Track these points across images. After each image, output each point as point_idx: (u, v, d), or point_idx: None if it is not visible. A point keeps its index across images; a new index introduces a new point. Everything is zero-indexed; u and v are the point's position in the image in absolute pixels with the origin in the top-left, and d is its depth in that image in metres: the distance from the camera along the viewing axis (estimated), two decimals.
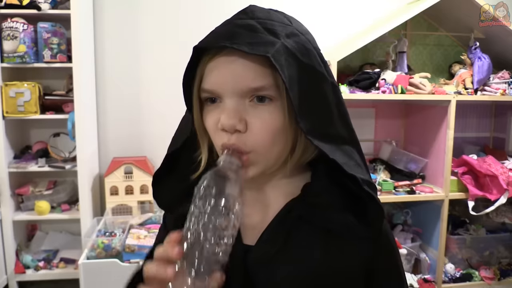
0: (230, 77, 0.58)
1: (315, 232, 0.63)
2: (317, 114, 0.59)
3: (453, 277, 2.62)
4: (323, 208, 0.63)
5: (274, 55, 0.54)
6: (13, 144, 2.62)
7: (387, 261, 0.69)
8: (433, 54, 2.98)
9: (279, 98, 0.58)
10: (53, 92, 2.58)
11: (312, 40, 0.63)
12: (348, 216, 0.62)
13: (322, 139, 0.58)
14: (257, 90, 0.58)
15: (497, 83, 2.63)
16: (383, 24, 2.51)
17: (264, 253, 0.63)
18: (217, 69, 0.59)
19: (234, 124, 0.57)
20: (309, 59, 0.59)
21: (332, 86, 0.62)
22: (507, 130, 2.98)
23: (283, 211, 0.65)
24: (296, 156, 0.64)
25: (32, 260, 2.57)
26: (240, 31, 0.57)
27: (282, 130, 0.59)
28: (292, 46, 0.57)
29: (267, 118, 0.59)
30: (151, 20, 2.78)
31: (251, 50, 0.54)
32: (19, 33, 2.35)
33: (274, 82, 0.57)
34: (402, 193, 2.50)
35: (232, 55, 0.57)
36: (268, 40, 0.56)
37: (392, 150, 2.76)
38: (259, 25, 0.58)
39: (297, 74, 0.56)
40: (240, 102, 0.59)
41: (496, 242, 2.74)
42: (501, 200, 2.43)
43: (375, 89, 2.44)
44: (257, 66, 0.57)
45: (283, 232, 0.63)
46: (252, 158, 0.60)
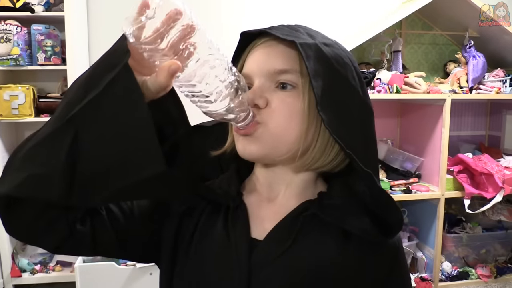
0: (262, 59, 0.62)
1: (328, 233, 0.62)
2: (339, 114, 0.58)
3: (450, 276, 2.63)
4: (339, 210, 0.63)
5: (302, 44, 0.57)
6: (8, 147, 2.61)
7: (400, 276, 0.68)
8: (428, 53, 2.98)
9: (301, 87, 0.60)
10: (47, 95, 2.57)
11: (353, 60, 0.64)
12: (365, 220, 0.61)
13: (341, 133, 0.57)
14: (282, 73, 0.60)
15: (492, 82, 2.64)
16: (378, 23, 2.52)
17: (272, 250, 0.61)
18: (254, 54, 0.64)
19: (254, 97, 0.59)
20: (343, 68, 0.60)
21: (364, 104, 0.62)
22: (502, 128, 2.99)
23: (296, 210, 0.64)
24: (312, 155, 0.62)
25: (28, 264, 2.56)
26: (282, 27, 0.62)
27: (299, 115, 0.60)
28: (328, 52, 0.60)
29: (287, 101, 0.60)
30: None
31: (282, 36, 0.58)
32: (13, 36, 2.34)
33: (299, 69, 0.60)
34: (398, 192, 2.51)
35: (269, 43, 0.62)
36: (302, 37, 0.59)
37: (388, 149, 2.76)
38: (302, 29, 0.62)
39: (324, 73, 0.57)
40: (266, 84, 0.61)
41: (492, 240, 2.75)
42: (496, 198, 2.44)
43: (371, 88, 2.44)
44: (287, 51, 0.61)
45: (293, 232, 0.62)
46: (260, 131, 0.60)
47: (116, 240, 0.65)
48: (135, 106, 0.51)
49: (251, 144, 0.61)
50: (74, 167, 0.51)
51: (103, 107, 0.51)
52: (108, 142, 0.51)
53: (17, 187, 0.51)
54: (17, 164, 0.53)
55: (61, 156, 0.50)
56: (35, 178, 0.51)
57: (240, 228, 0.64)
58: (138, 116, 0.51)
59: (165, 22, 0.48)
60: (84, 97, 0.51)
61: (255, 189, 0.70)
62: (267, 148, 0.61)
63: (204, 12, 2.69)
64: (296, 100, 0.60)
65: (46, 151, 0.52)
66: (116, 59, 0.52)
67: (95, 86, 0.51)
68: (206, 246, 0.65)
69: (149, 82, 0.53)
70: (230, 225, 0.64)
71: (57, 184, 0.50)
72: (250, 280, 0.60)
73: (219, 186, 0.68)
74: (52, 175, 0.50)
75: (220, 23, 2.66)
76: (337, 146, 0.62)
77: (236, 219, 0.65)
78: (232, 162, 0.70)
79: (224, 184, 0.68)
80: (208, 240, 0.65)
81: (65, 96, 0.55)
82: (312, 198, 0.66)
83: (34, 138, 0.54)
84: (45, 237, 0.59)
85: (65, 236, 0.59)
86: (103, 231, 0.64)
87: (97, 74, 0.53)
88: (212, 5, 2.73)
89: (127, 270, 2.10)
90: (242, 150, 0.62)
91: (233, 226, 0.64)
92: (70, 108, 0.51)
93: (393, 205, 0.59)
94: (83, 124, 0.51)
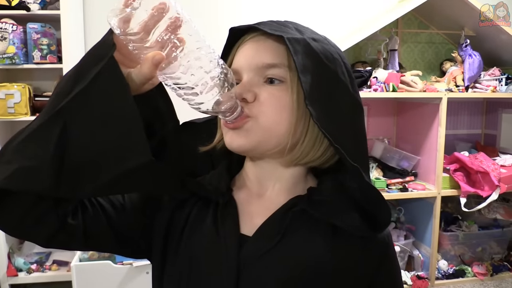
0: (250, 53, 0.63)
1: (317, 229, 0.63)
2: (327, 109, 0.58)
3: (446, 274, 2.64)
4: (329, 205, 0.63)
5: (290, 39, 0.57)
6: None
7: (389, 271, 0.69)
8: (424, 52, 2.99)
9: (290, 82, 0.60)
10: (43, 94, 2.56)
11: (342, 56, 0.65)
12: (354, 216, 0.61)
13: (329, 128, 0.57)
14: (270, 67, 0.61)
15: (488, 80, 2.65)
16: (374, 22, 2.52)
17: (261, 245, 0.62)
18: (242, 49, 0.64)
19: (242, 92, 0.60)
20: (332, 64, 0.61)
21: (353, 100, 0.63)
22: (498, 127, 3.00)
23: (286, 205, 0.64)
24: (301, 150, 0.63)
25: (24, 263, 2.55)
26: (271, 22, 0.62)
27: (288, 108, 0.60)
28: (316, 47, 0.60)
29: (276, 94, 0.61)
30: None
31: (270, 30, 0.59)
32: (8, 34, 2.33)
33: (287, 63, 0.60)
34: (394, 190, 2.51)
35: (257, 38, 0.63)
36: (291, 32, 0.60)
37: (385, 148, 2.77)
38: (291, 25, 0.63)
39: (314, 70, 0.58)
40: (255, 78, 0.62)
41: (488, 238, 2.76)
42: (492, 196, 2.45)
43: (367, 87, 2.44)
44: (276, 45, 0.61)
45: (282, 227, 0.62)
46: (249, 124, 0.61)
47: (107, 234, 0.66)
48: (120, 97, 0.52)
49: (240, 137, 0.61)
50: (63, 159, 0.52)
51: (90, 99, 0.52)
52: (94, 133, 0.52)
53: (7, 179, 0.51)
54: (7, 156, 0.53)
55: (50, 148, 0.51)
56: (24, 170, 0.51)
57: (230, 224, 0.64)
58: (123, 107, 0.52)
59: (151, 14, 0.48)
60: (72, 89, 0.52)
61: (245, 185, 0.70)
62: (256, 140, 0.61)
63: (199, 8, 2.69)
64: (285, 94, 0.60)
65: (35, 143, 0.53)
66: (102, 51, 0.53)
67: (83, 78, 0.52)
68: (196, 241, 0.66)
69: (133, 74, 0.54)
70: (220, 221, 0.65)
71: (45, 175, 0.51)
72: (239, 276, 0.61)
73: (209, 182, 0.68)
74: (41, 166, 0.51)
75: (216, 20, 2.66)
76: (326, 141, 0.62)
77: (225, 215, 0.65)
78: (223, 158, 0.71)
79: (214, 180, 0.68)
80: (197, 236, 0.66)
81: (55, 89, 0.56)
82: (302, 193, 0.66)
83: (25, 131, 0.55)
84: (35, 230, 0.59)
85: (55, 229, 0.60)
86: (95, 225, 0.64)
87: (84, 67, 0.54)
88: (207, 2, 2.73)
89: (124, 269, 2.10)
90: (230, 142, 0.63)
91: (223, 222, 0.65)
92: (59, 101, 0.53)
93: (382, 200, 0.60)
94: (71, 116, 0.52)
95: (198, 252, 0.65)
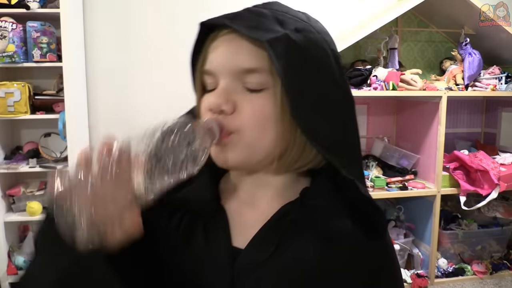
0: (226, 55, 0.56)
1: (311, 237, 0.59)
2: (316, 113, 0.55)
3: (446, 272, 2.64)
4: (322, 211, 0.59)
5: (271, 41, 0.52)
6: (4, 145, 2.60)
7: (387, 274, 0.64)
8: (424, 50, 2.99)
9: (272, 87, 0.55)
10: (43, 92, 2.55)
11: (329, 41, 0.59)
12: (347, 223, 0.58)
13: (318, 139, 0.54)
14: (249, 72, 0.55)
15: (488, 79, 2.65)
16: (374, 20, 2.52)
17: (254, 258, 0.59)
18: (216, 47, 0.58)
19: (220, 103, 0.55)
20: (318, 57, 0.56)
21: (343, 93, 0.59)
22: (498, 125, 3.00)
23: (278, 214, 0.61)
24: (291, 156, 0.59)
25: (24, 261, 2.54)
26: (246, 14, 0.56)
27: (273, 120, 0.56)
28: (300, 39, 0.54)
29: (257, 104, 0.55)
30: (142, 18, 2.76)
31: (248, 32, 0.53)
32: (8, 33, 2.33)
33: (269, 68, 0.54)
34: (394, 189, 2.51)
35: (232, 35, 0.56)
36: (270, 27, 0.54)
37: (384, 146, 2.77)
38: (270, 13, 0.57)
39: (299, 67, 0.53)
40: (232, 84, 0.56)
41: (488, 236, 2.76)
42: (492, 195, 2.45)
43: (367, 85, 2.45)
44: (254, 48, 0.55)
45: (276, 237, 0.59)
46: (234, 140, 0.56)
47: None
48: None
49: (226, 152, 0.57)
50: None
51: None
52: None
53: None
54: None
55: None
56: None
57: (221, 236, 0.61)
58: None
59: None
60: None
61: (234, 192, 0.66)
62: (242, 156, 0.58)
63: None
64: (268, 103, 0.55)
65: None
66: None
67: None
68: (188, 256, 0.63)
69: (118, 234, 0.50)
70: (211, 234, 0.62)
71: None
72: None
73: (193, 193, 0.64)
74: None
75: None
76: None
77: (216, 227, 0.62)
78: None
79: (198, 191, 0.64)
80: (189, 250, 0.63)
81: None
82: (294, 198, 0.62)
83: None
84: None
85: None
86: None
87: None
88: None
89: None
90: (216, 158, 0.59)
91: (214, 235, 0.62)
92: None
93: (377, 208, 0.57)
94: None
95: (190, 267, 0.62)
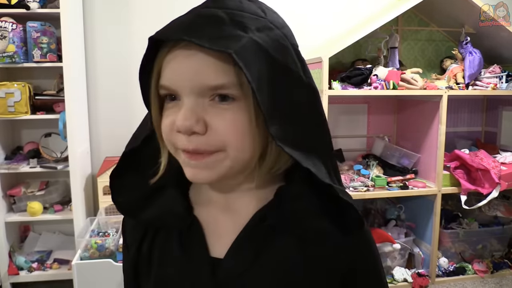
0: (188, 73, 0.51)
1: (289, 240, 0.58)
2: (288, 118, 0.52)
3: (447, 271, 2.64)
4: (298, 214, 0.58)
5: (238, 51, 0.47)
6: (4, 145, 2.60)
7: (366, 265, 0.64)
8: (425, 49, 2.99)
9: (243, 98, 0.51)
10: (43, 92, 2.55)
11: (289, 35, 0.56)
12: (324, 223, 0.57)
13: (294, 146, 0.52)
14: (217, 89, 0.51)
15: (488, 78, 2.65)
16: (375, 19, 2.51)
17: (234, 267, 0.58)
18: (175, 63, 0.52)
19: (191, 125, 0.51)
20: (283, 56, 0.52)
21: (308, 87, 0.55)
22: (499, 124, 3.00)
23: (254, 219, 0.59)
24: (267, 165, 0.57)
25: (25, 262, 2.55)
26: (202, 22, 0.51)
27: (248, 133, 0.53)
28: (264, 40, 0.51)
29: (229, 119, 0.52)
30: (142, 17, 2.76)
31: (211, 45, 0.47)
32: (8, 33, 2.33)
33: (237, 81, 0.50)
34: (395, 188, 2.51)
35: (191, 49, 0.51)
36: (233, 34, 0.49)
37: (385, 145, 2.77)
38: (226, 16, 0.51)
39: (267, 73, 0.50)
40: (198, 101, 0.52)
41: (489, 235, 2.76)
42: (493, 193, 2.45)
43: (367, 85, 2.44)
44: (218, 62, 0.50)
45: (255, 243, 0.58)
46: (220, 158, 0.54)
47: None
48: None
49: (203, 171, 0.54)
50: None
51: None
52: None
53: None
54: None
55: None
56: None
57: (198, 249, 0.60)
58: None
59: None
60: None
61: (207, 201, 0.63)
62: (224, 172, 0.55)
63: None
64: (241, 115, 0.52)
65: None
66: None
67: None
68: (165, 273, 0.62)
69: None
70: (186, 247, 0.61)
71: None
72: None
73: (165, 209, 0.62)
74: None
75: None
76: None
77: (191, 239, 0.61)
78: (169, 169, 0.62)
79: (168, 206, 0.62)
80: (166, 267, 0.62)
81: None
82: (270, 198, 0.60)
83: None
84: None
85: None
86: None
87: None
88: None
89: None
90: (192, 177, 0.56)
91: (190, 248, 0.60)
92: None
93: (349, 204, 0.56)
94: None
95: (169, 284, 0.61)
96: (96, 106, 2.80)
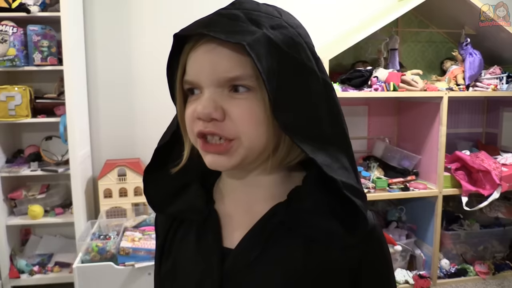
0: (208, 66, 0.56)
1: (297, 238, 0.60)
2: (300, 110, 0.55)
3: (448, 273, 2.64)
4: (308, 214, 0.60)
5: (251, 44, 0.51)
6: (5, 148, 2.60)
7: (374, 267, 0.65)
8: (425, 51, 2.99)
9: (258, 89, 0.55)
10: (44, 95, 2.56)
11: (303, 34, 0.59)
12: (332, 224, 0.59)
13: (304, 137, 0.55)
14: (234, 80, 0.55)
15: (489, 79, 2.65)
16: (375, 21, 2.52)
17: (243, 258, 0.61)
18: (196, 58, 0.57)
19: (210, 112, 0.55)
20: (296, 52, 0.56)
21: (323, 83, 0.59)
22: (499, 125, 3.00)
23: (267, 215, 0.62)
24: (281, 154, 0.60)
25: (26, 265, 2.55)
26: (220, 19, 0.56)
27: (263, 122, 0.56)
28: (277, 37, 0.54)
29: (245, 108, 0.56)
30: (142, 20, 2.77)
31: (227, 37, 0.52)
32: (9, 36, 2.33)
33: (253, 72, 0.54)
34: (396, 190, 2.51)
35: (211, 44, 0.55)
36: (247, 29, 0.53)
37: (386, 147, 2.77)
38: (243, 15, 0.56)
39: (279, 66, 0.53)
40: (217, 91, 0.56)
41: (490, 236, 2.76)
42: (494, 195, 2.45)
43: (368, 86, 2.45)
44: (235, 54, 0.55)
45: (264, 238, 0.61)
46: (235, 146, 0.57)
47: None
48: None
49: (222, 158, 0.58)
50: None
51: None
52: None
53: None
54: None
55: None
56: None
57: (212, 238, 0.64)
58: None
59: None
60: None
61: (227, 196, 0.68)
62: (239, 160, 0.58)
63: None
64: (256, 105, 0.56)
65: None
66: None
67: None
68: (181, 258, 0.67)
69: None
70: (202, 236, 0.65)
71: None
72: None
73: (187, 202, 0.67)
74: None
75: None
76: None
77: (208, 230, 0.65)
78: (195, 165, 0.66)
79: (191, 200, 0.67)
80: (182, 252, 0.67)
81: None
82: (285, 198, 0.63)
83: None
84: None
85: None
86: None
87: None
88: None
89: (126, 270, 2.10)
90: (211, 164, 0.60)
91: (205, 237, 0.65)
92: None
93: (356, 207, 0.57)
94: None
95: (182, 268, 0.66)
96: (97, 109, 2.81)
